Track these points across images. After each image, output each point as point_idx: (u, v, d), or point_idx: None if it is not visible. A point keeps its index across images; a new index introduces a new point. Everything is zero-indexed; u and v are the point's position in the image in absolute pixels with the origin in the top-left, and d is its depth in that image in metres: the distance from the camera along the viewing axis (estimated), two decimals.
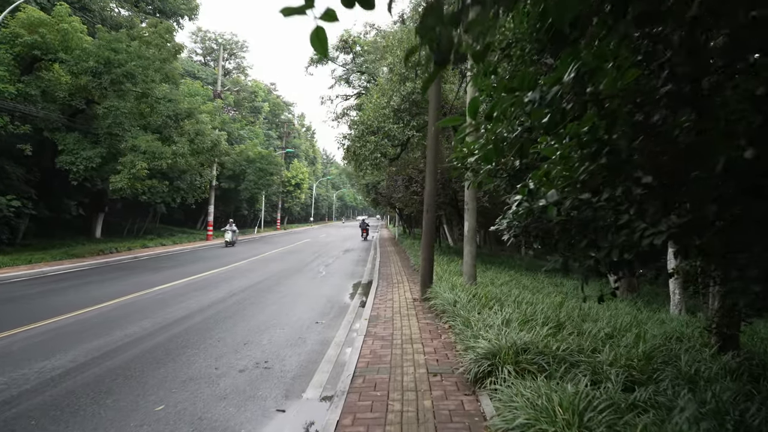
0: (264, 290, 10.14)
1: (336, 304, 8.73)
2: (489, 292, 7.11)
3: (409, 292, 9.19)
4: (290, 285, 11.02)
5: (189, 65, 37.76)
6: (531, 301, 6.67)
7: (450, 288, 7.32)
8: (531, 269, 14.89)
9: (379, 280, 11.12)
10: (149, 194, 24.83)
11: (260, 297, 9.29)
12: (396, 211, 32.28)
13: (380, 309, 7.56)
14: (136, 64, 15.54)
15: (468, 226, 7.81)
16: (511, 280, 10.70)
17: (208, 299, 8.90)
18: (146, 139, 15.67)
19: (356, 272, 13.83)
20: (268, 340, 6.11)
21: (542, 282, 11.28)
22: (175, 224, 35.93)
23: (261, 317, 7.46)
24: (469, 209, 7.78)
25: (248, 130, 39.79)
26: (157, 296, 9.15)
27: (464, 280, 7.86)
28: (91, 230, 24.50)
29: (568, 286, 11.08)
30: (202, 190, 28.77)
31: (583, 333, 5.49)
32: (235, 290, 10.05)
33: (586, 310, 7.11)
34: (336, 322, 7.23)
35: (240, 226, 45.18)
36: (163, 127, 17.34)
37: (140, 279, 11.53)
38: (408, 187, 15.55)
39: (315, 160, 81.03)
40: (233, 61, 49.09)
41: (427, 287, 7.97)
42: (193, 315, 7.52)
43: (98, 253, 18.13)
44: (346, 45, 23.38)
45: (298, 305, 8.53)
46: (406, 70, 12.20)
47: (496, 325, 4.91)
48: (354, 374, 4.40)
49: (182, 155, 16.60)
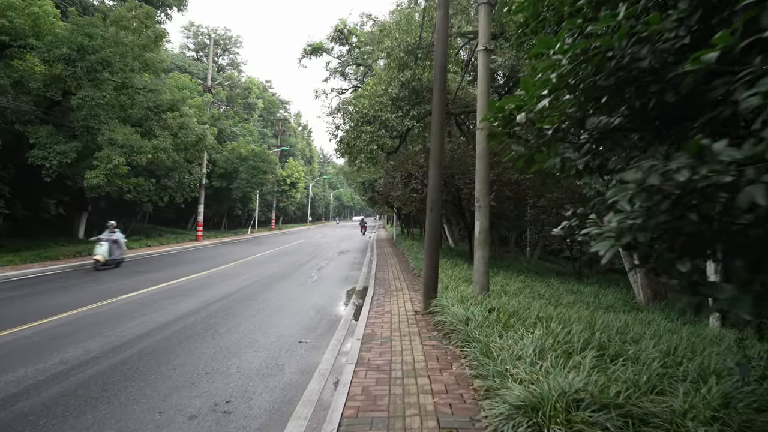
0: (245, 299, 8.95)
1: (325, 317, 7.55)
2: (506, 306, 5.95)
3: (409, 303, 8.02)
4: (276, 292, 9.83)
5: (180, 60, 36.51)
6: (559, 317, 5.51)
7: (459, 300, 6.16)
8: (541, 273, 13.76)
9: (375, 287, 9.95)
10: (135, 193, 23.74)
11: (239, 307, 8.10)
12: (394, 210, 31.11)
13: (376, 325, 6.39)
14: (113, 51, 14.32)
15: (479, 227, 6.64)
16: (524, 286, 9.55)
17: (178, 310, 7.71)
18: (123, 132, 14.45)
19: (351, 277, 12.66)
20: (237, 368, 4.93)
21: (557, 288, 10.13)
22: (165, 224, 34.68)
23: (235, 335, 6.28)
24: (481, 207, 6.63)
25: (241, 127, 38.53)
26: (120, 307, 7.95)
27: (475, 290, 6.70)
28: (73, 230, 23.26)
29: (586, 292, 9.94)
30: (192, 188, 27.54)
31: (633, 360, 4.35)
32: (212, 299, 8.86)
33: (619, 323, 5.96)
34: (323, 340, 6.06)
35: (234, 226, 44.01)
36: (144, 119, 16.12)
37: (109, 285, 10.33)
38: (407, 184, 14.40)
39: (312, 159, 79.80)
40: (227, 57, 47.82)
41: (431, 298, 6.81)
42: (153, 332, 6.33)
43: (74, 256, 16.87)
44: (342, 35, 22.19)
45: (281, 318, 7.35)
46: (405, 54, 11.04)
47: (527, 356, 3.75)
48: (339, 428, 3.23)
49: (164, 150, 15.38)
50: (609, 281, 13.42)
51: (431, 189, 6.84)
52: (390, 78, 11.20)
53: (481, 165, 6.67)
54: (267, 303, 8.60)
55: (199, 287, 10.25)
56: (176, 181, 25.64)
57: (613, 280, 14.48)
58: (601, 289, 10.61)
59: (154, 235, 28.21)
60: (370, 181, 27.91)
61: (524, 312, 5.91)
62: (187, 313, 7.54)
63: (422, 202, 14.89)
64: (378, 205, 30.48)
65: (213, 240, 28.54)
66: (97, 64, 14.05)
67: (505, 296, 7.85)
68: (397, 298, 8.60)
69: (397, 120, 10.61)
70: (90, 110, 14.65)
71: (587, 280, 12.65)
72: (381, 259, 16.60)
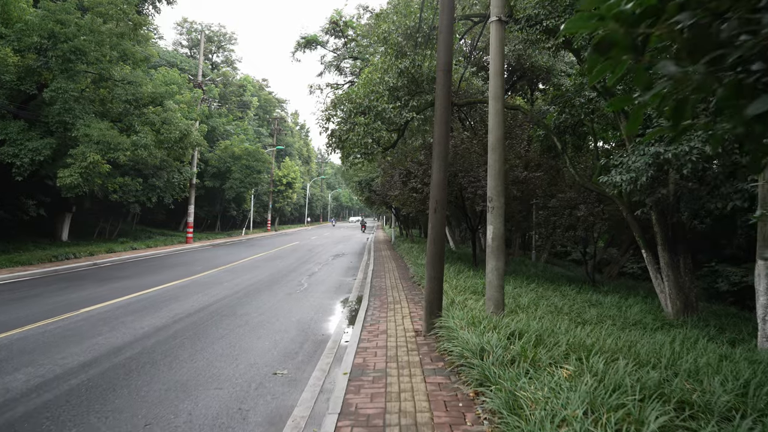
0: (221, 313, 7.85)
1: (310, 337, 6.46)
2: (527, 329, 4.86)
3: (408, 319, 6.93)
4: (258, 304, 8.73)
5: (171, 56, 35.37)
6: (595, 346, 4.43)
7: (469, 322, 5.06)
8: (550, 279, 12.67)
9: (370, 298, 8.85)
10: (121, 193, 22.64)
11: (212, 325, 7.00)
12: (392, 211, 29.99)
13: (369, 350, 5.29)
14: (88, 39, 13.21)
15: (493, 232, 5.55)
16: (538, 297, 8.46)
17: (139, 329, 6.61)
18: (99, 128, 13.34)
19: (344, 285, 11.56)
20: (188, 416, 3.83)
21: (574, 299, 9.05)
22: (155, 225, 33.56)
23: (198, 363, 5.18)
24: (494, 208, 5.54)
25: (236, 125, 37.40)
26: (74, 324, 6.84)
27: (487, 308, 5.59)
28: (56, 233, 22.17)
29: (607, 304, 8.86)
30: (182, 188, 26.45)
31: (704, 409, 3.28)
32: (184, 312, 7.76)
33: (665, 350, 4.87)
34: (303, 371, 4.96)
35: (229, 228, 42.83)
36: (124, 114, 15.01)
37: (75, 295, 9.22)
38: (406, 183, 13.32)
39: (309, 159, 78.75)
40: (221, 54, 46.71)
41: (435, 316, 5.72)
42: (100, 360, 5.23)
43: (50, 260, 15.74)
44: (337, 27, 21.08)
45: (258, 339, 6.25)
46: (403, 39, 9.96)
47: (574, 417, 2.67)
48: None
49: (145, 147, 14.26)
50: (625, 288, 12.35)
51: (435, 186, 5.75)
52: (387, 65, 10.11)
53: (494, 157, 5.58)
54: (245, 318, 7.50)
55: (173, 298, 9.14)
56: (165, 180, 24.59)
57: (629, 286, 13.41)
58: (622, 299, 9.53)
59: (143, 237, 27.11)
60: (366, 180, 26.78)
61: (549, 337, 4.83)
62: (149, 333, 6.44)
63: (422, 203, 13.79)
64: (376, 205, 29.35)
65: (204, 242, 27.42)
66: (71, 53, 12.94)
67: (521, 312, 6.76)
68: (395, 312, 7.50)
69: (395, 111, 9.52)
70: (64, 104, 13.55)
71: (602, 287, 11.57)
72: (378, 264, 15.50)
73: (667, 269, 8.76)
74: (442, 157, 5.72)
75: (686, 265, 8.89)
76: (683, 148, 6.84)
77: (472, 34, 14.11)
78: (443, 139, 5.73)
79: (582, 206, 11.41)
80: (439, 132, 5.74)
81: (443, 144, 5.73)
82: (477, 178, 11.62)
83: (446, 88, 5.63)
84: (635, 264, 17.96)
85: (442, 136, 5.71)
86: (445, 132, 5.73)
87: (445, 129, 5.74)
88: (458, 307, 6.14)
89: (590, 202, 11.58)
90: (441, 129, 5.74)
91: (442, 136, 5.72)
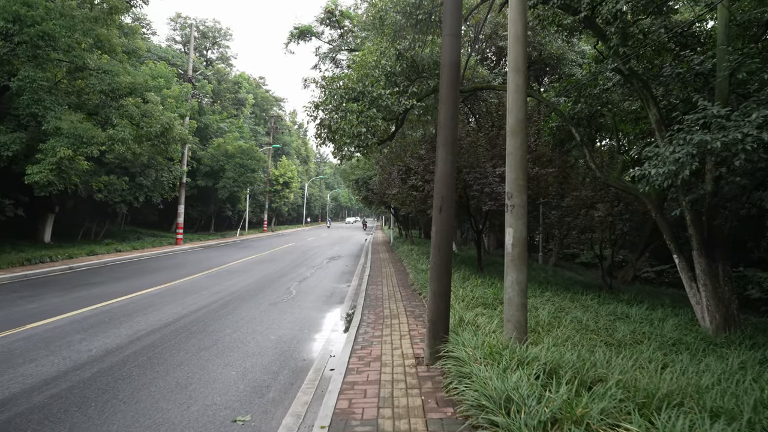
0: (189, 330, 6.73)
1: (288, 363, 5.34)
2: (561, 361, 3.75)
3: (407, 340, 5.80)
4: (236, 318, 7.61)
5: (163, 51, 34.23)
6: (660, 392, 3.32)
7: (487, 352, 3.94)
8: (563, 284, 11.56)
9: (364, 311, 7.73)
10: (106, 192, 21.53)
11: (173, 347, 5.88)
12: (391, 211, 28.83)
13: (357, 388, 4.18)
14: (58, 24, 12.09)
15: (513, 236, 4.42)
16: (557, 310, 7.35)
17: (83, 352, 5.49)
18: (70, 120, 12.21)
19: (337, 293, 10.44)
20: None
21: (596, 311, 7.93)
22: (146, 226, 32.43)
23: (136, 406, 4.06)
24: (515, 207, 4.42)
25: (230, 122, 36.26)
26: (6, 347, 5.71)
27: (506, 332, 4.45)
28: (38, 234, 21.04)
29: (634, 316, 7.75)
30: (173, 187, 25.35)
31: None
32: (146, 329, 6.64)
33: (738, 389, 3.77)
34: (271, 419, 3.84)
35: (224, 228, 41.63)
36: (101, 106, 13.88)
37: (29, 306, 8.08)
38: (405, 181, 12.22)
39: (308, 158, 77.67)
40: (216, 51, 45.50)
41: (441, 340, 4.60)
42: (9, 403, 4.10)
43: (23, 264, 14.62)
44: (333, 17, 19.94)
45: (223, 367, 5.13)
46: (402, 17, 8.84)
47: None
48: None
49: (122, 141, 13.13)
50: (646, 296, 11.24)
51: (440, 180, 4.64)
52: (384, 48, 9.00)
53: (515, 143, 4.45)
54: (216, 337, 6.38)
55: (141, 309, 8.02)
56: (153, 179, 23.48)
57: (649, 293, 12.29)
58: (649, 310, 8.42)
59: (132, 238, 25.95)
60: (364, 178, 25.62)
61: (589, 371, 3.73)
62: (95, 357, 5.32)
63: (423, 202, 12.66)
64: (374, 205, 28.18)
65: (195, 243, 26.29)
66: (39, 38, 11.81)
67: (542, 331, 5.65)
68: (392, 329, 6.38)
69: (393, 98, 8.39)
70: (33, 94, 12.44)
71: (622, 295, 10.45)
72: (375, 268, 14.38)
73: (704, 277, 7.65)
74: (450, 143, 4.60)
75: (725, 273, 7.77)
76: (735, 135, 5.74)
77: (476, 19, 13.01)
78: (450, 121, 4.61)
79: (600, 205, 10.31)
80: (446, 113, 4.62)
81: (450, 128, 4.61)
82: (483, 175, 10.51)
83: (454, 55, 4.52)
84: (650, 268, 16.87)
85: (449, 118, 4.59)
86: (452, 112, 4.61)
87: (452, 109, 4.63)
88: (468, 329, 5.02)
89: (608, 201, 10.48)
90: (448, 109, 4.62)
91: (448, 117, 4.60)
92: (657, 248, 15.78)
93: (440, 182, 4.66)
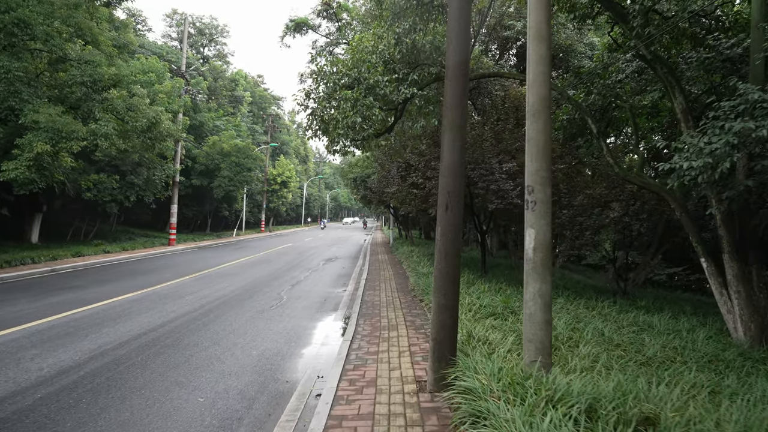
0: (161, 344, 5.96)
1: (268, 386, 4.57)
2: (598, 394, 2.99)
3: (407, 358, 5.05)
4: (216, 329, 6.85)
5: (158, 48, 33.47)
6: None
7: (506, 382, 3.18)
8: (574, 289, 10.78)
9: (359, 321, 6.97)
10: (96, 191, 20.78)
11: (137, 366, 5.12)
12: (390, 211, 28.03)
13: (346, 424, 3.42)
14: (35, 11, 11.33)
15: (535, 238, 3.65)
16: (573, 320, 6.59)
17: (29, 374, 4.72)
18: (48, 113, 11.45)
19: (331, 298, 9.68)
20: None
21: (616, 320, 7.17)
22: (140, 226, 31.66)
23: None
24: (538, 203, 3.66)
25: (226, 120, 35.49)
26: None
27: (526, 355, 3.66)
28: (25, 234, 20.28)
29: (659, 327, 6.99)
30: (166, 186, 24.62)
31: None
32: (109, 344, 5.88)
33: None
34: None
35: (221, 228, 40.82)
36: (84, 99, 13.12)
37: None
38: (405, 178, 11.46)
39: (307, 158, 76.88)
40: (213, 48, 44.80)
41: (448, 363, 3.84)
42: None
43: (1, 266, 13.86)
44: (330, 9, 19.19)
45: (191, 392, 4.37)
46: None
47: None
48: None
49: (105, 136, 12.37)
50: (665, 302, 10.48)
51: (446, 172, 3.88)
52: (382, 31, 8.23)
53: (537, 126, 3.69)
54: (189, 352, 5.62)
55: (113, 318, 7.26)
56: (144, 178, 22.71)
57: (667, 299, 11.52)
58: (672, 319, 7.66)
59: (124, 238, 25.19)
60: (362, 176, 24.82)
61: (633, 407, 2.97)
62: (42, 379, 4.56)
63: (424, 201, 11.90)
64: (373, 204, 27.38)
65: (189, 244, 25.55)
66: (13, 25, 11.06)
67: (564, 348, 4.89)
68: (389, 344, 5.61)
69: (391, 86, 7.64)
70: (9, 86, 11.68)
71: (639, 301, 9.69)
72: (373, 271, 13.63)
73: (736, 283, 6.90)
74: (458, 126, 3.85)
75: (760, 278, 7.02)
76: None
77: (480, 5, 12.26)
78: (459, 99, 3.85)
79: (614, 204, 9.55)
80: (454, 90, 3.86)
81: (459, 107, 3.85)
82: (489, 171, 9.75)
83: (463, 21, 3.77)
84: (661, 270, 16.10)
85: (458, 96, 3.84)
86: (461, 89, 3.86)
87: (461, 85, 3.87)
88: (480, 348, 4.26)
89: (623, 200, 9.72)
90: (456, 86, 3.86)
91: (457, 95, 3.84)
92: (668, 250, 15.02)
93: (447, 174, 3.90)
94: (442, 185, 3.97)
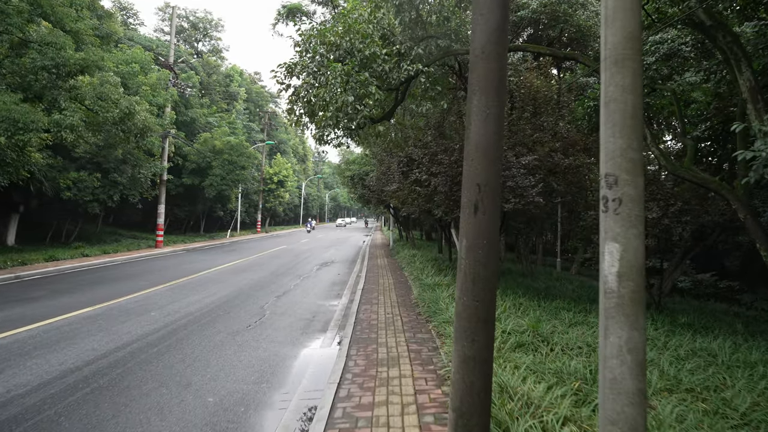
0: (93, 384, 4.58)
1: None
2: None
3: (413, 417, 3.67)
4: (173, 359, 5.47)
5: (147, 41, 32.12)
6: None
7: None
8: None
9: (351, 349, 5.59)
10: (75, 190, 19.44)
11: (46, 424, 3.75)
12: (390, 211, 26.61)
13: None
14: None
15: (620, 257, 2.31)
16: None
17: None
18: (2, 100, 10.09)
19: (321, 313, 8.30)
20: None
21: (666, 347, 5.80)
22: (129, 227, 30.30)
23: None
24: (623, 201, 2.32)
25: (219, 117, 34.12)
26: None
27: None
28: (0, 235, 18.99)
29: (722, 356, 5.61)
30: (153, 185, 23.28)
31: None
32: (19, 389, 4.50)
33: None
34: None
35: (215, 229, 39.45)
36: (48, 87, 11.75)
37: None
38: (407, 174, 10.09)
39: (305, 157, 75.55)
40: (207, 43, 43.42)
41: None
42: None
43: None
44: None
45: None
46: None
47: None
48: None
49: (71, 128, 11.00)
50: (701, 314, 9.12)
51: (476, 154, 2.52)
52: None
53: (622, 79, 2.30)
54: (124, 400, 4.23)
55: (46, 344, 5.88)
56: (129, 176, 21.34)
57: (704, 310, 10.15)
58: (728, 341, 6.27)
59: (109, 240, 23.81)
60: (359, 174, 23.41)
61: None
62: None
63: (428, 200, 10.52)
64: (372, 204, 25.95)
65: (177, 246, 24.17)
66: None
67: None
68: (389, 391, 4.23)
69: (391, 62, 6.27)
70: None
71: (679, 317, 8.32)
72: (371, 279, 12.25)
73: None
74: (494, 86, 2.48)
75: None
76: None
77: None
78: (495, 46, 2.48)
79: (652, 204, 8.18)
80: (487, 30, 2.49)
81: (495, 56, 2.48)
82: (506, 165, 8.38)
83: None
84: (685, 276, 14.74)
85: (494, 41, 2.47)
86: (500, 24, 2.50)
87: (500, 19, 2.51)
88: (522, 415, 2.88)
89: (661, 199, 8.34)
90: (490, 25, 2.50)
91: (492, 40, 2.47)
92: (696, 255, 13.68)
93: (476, 157, 2.53)
94: (468, 175, 2.59)
